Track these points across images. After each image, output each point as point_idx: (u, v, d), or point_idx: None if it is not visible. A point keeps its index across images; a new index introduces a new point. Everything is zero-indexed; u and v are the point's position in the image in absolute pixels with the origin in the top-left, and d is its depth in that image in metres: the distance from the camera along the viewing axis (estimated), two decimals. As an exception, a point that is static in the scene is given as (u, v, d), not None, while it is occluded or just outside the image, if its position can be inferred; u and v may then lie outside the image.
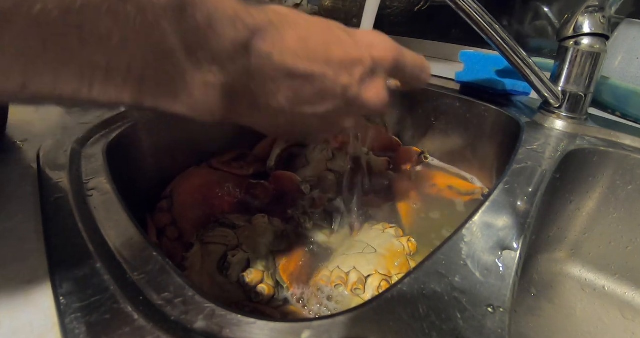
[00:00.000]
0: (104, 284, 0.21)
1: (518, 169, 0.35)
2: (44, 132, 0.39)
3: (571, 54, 0.43)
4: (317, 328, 0.19)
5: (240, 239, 0.36)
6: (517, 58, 0.40)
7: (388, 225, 0.41)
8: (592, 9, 0.41)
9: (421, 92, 0.58)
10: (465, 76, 0.54)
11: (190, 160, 0.50)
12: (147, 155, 0.44)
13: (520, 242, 0.26)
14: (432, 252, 0.24)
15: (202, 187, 0.45)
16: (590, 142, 0.42)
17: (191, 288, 0.20)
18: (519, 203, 0.30)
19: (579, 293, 0.42)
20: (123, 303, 0.19)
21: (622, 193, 0.41)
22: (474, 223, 0.27)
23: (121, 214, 0.27)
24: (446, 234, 0.42)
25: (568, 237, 0.44)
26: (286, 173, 0.48)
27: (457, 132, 0.56)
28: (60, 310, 0.19)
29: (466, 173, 0.55)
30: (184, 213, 0.41)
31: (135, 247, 0.24)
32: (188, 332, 0.18)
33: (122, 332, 0.18)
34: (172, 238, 0.39)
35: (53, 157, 0.34)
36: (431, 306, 0.20)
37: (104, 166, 0.33)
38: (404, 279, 0.22)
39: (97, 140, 0.38)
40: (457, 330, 0.19)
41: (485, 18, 0.38)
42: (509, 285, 0.22)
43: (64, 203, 0.27)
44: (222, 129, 0.54)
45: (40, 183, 0.30)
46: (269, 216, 0.40)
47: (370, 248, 0.36)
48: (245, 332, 0.18)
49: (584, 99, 0.44)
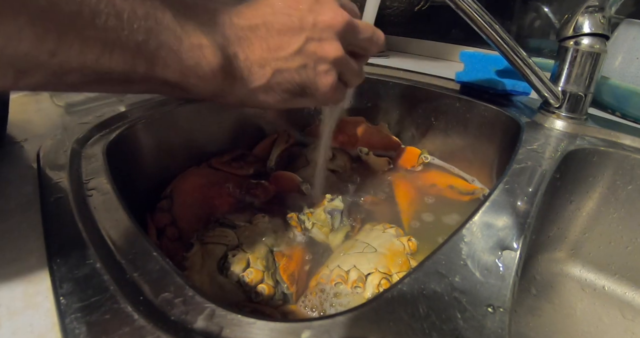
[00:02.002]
0: (104, 284, 0.21)
1: (518, 169, 0.35)
2: (44, 132, 0.39)
3: (571, 54, 0.43)
4: (317, 328, 0.19)
5: (240, 239, 0.36)
6: (517, 58, 0.40)
7: (388, 225, 0.41)
8: (592, 9, 0.41)
9: (421, 92, 0.58)
10: (465, 76, 0.54)
11: (190, 160, 0.50)
12: (147, 155, 0.44)
13: (520, 242, 0.26)
14: (432, 252, 0.24)
15: (202, 187, 0.45)
16: (590, 142, 0.42)
17: (191, 288, 0.20)
18: (519, 203, 0.30)
19: (579, 293, 0.42)
20: (123, 303, 0.19)
21: (622, 193, 0.41)
22: (474, 223, 0.27)
23: (121, 214, 0.27)
24: (446, 234, 0.42)
25: (568, 237, 0.44)
26: (286, 173, 0.48)
27: (457, 132, 0.56)
28: (60, 310, 0.19)
29: (466, 174, 0.55)
30: (184, 213, 0.41)
31: (135, 247, 0.24)
32: (188, 332, 0.18)
33: (122, 332, 0.18)
34: (172, 238, 0.39)
35: (53, 157, 0.34)
36: (431, 306, 0.20)
37: (104, 166, 0.33)
38: (404, 279, 0.22)
39: (97, 140, 0.38)
40: (457, 330, 0.19)
41: (485, 18, 0.38)
42: (509, 285, 0.22)
43: (64, 203, 0.27)
44: (222, 129, 0.54)
45: (40, 183, 0.30)
46: (269, 216, 0.41)
47: (371, 247, 0.36)
48: (245, 332, 0.18)
49: (584, 99, 0.44)
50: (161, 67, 0.22)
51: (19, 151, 0.36)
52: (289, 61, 0.27)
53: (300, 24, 0.27)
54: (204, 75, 0.24)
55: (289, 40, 0.27)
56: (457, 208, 0.47)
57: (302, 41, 0.27)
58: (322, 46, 0.27)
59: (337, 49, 0.28)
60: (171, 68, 0.22)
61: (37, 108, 0.47)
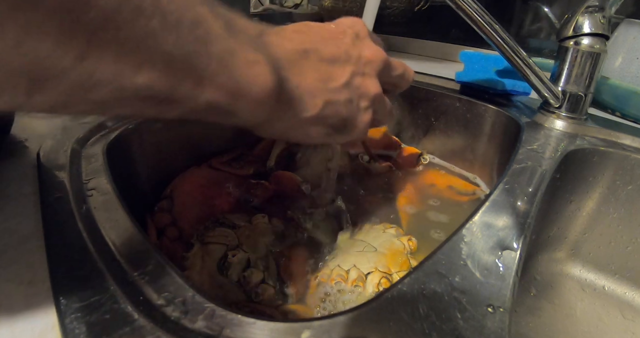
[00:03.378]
0: (104, 284, 0.21)
1: (518, 169, 0.35)
2: (44, 132, 0.39)
3: (571, 54, 0.43)
4: (317, 328, 0.19)
5: (240, 239, 0.36)
6: (517, 58, 0.40)
7: (389, 225, 0.41)
8: (592, 9, 0.41)
9: (421, 92, 0.58)
10: (465, 76, 0.54)
11: (190, 160, 0.50)
12: (147, 155, 0.44)
13: (520, 242, 0.26)
14: (432, 252, 0.24)
15: (202, 187, 0.45)
16: (590, 142, 0.42)
17: (191, 288, 0.20)
18: (519, 203, 0.30)
19: (579, 293, 0.42)
20: (123, 303, 0.19)
21: (622, 193, 0.41)
22: (474, 223, 0.27)
23: (121, 214, 0.27)
24: (446, 234, 0.42)
25: (568, 237, 0.44)
26: (286, 173, 0.48)
27: (457, 132, 0.56)
28: (60, 310, 0.19)
29: (467, 173, 0.55)
30: (184, 213, 0.41)
31: (135, 247, 0.24)
32: (188, 332, 0.18)
33: (122, 332, 0.18)
34: (172, 238, 0.39)
35: (53, 157, 0.34)
36: (431, 306, 0.20)
37: (104, 166, 0.33)
38: (404, 279, 0.22)
39: (97, 140, 0.38)
40: (457, 330, 0.19)
41: (485, 18, 0.38)
42: (509, 285, 0.22)
43: (64, 203, 0.27)
44: (222, 129, 0.54)
45: (40, 184, 0.30)
46: (269, 216, 0.40)
47: (371, 247, 0.36)
48: (245, 332, 0.18)
49: (584, 99, 0.44)
50: (210, 85, 0.18)
51: (19, 151, 0.36)
52: (337, 94, 0.25)
53: (347, 56, 0.26)
54: (257, 97, 0.20)
55: (338, 71, 0.25)
56: (457, 208, 0.47)
57: (349, 74, 0.26)
58: (365, 82, 0.27)
59: (377, 86, 0.27)
60: (221, 86, 0.19)
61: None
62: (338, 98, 0.25)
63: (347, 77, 0.26)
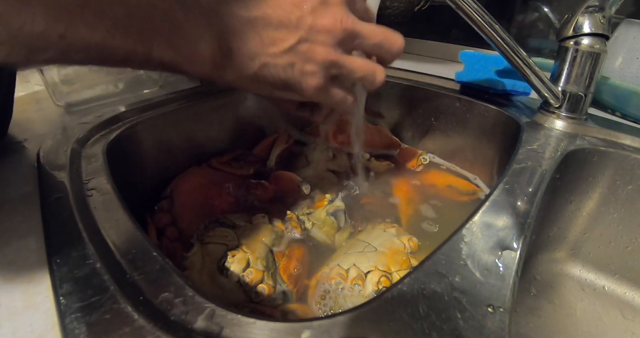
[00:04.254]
0: (104, 284, 0.21)
1: (518, 169, 0.35)
2: (44, 132, 0.39)
3: (571, 54, 0.43)
4: (317, 328, 0.19)
5: (240, 239, 0.36)
6: (517, 58, 0.40)
7: (390, 225, 0.41)
8: (592, 9, 0.41)
9: (421, 92, 0.58)
10: (465, 76, 0.54)
11: (190, 160, 0.50)
12: (147, 155, 0.44)
13: (520, 242, 0.26)
14: (432, 252, 0.24)
15: (202, 187, 0.45)
16: (590, 142, 0.42)
17: (191, 288, 0.20)
18: (519, 203, 0.30)
19: (579, 293, 0.42)
20: (123, 303, 0.19)
21: (622, 193, 0.41)
22: (474, 223, 0.27)
23: (121, 214, 0.27)
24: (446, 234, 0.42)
25: (568, 237, 0.44)
26: (286, 173, 0.48)
27: (457, 132, 0.56)
28: (60, 310, 0.19)
29: (468, 173, 0.55)
30: (184, 213, 0.41)
31: (135, 247, 0.24)
32: (188, 332, 0.18)
33: (122, 332, 0.18)
34: (172, 238, 0.39)
35: (53, 157, 0.34)
36: (431, 306, 0.20)
37: (104, 166, 0.33)
38: (404, 279, 0.22)
39: (97, 140, 0.38)
40: (457, 330, 0.19)
41: (485, 18, 0.38)
42: (509, 285, 0.22)
43: (64, 203, 0.27)
44: (222, 129, 0.54)
45: (40, 184, 0.30)
46: (269, 216, 0.41)
47: (371, 246, 0.36)
48: (245, 332, 0.18)
49: (584, 99, 0.44)
50: (157, 52, 0.24)
51: (19, 151, 0.36)
52: (277, 58, 0.27)
53: (297, 23, 0.27)
54: (195, 63, 0.26)
55: (282, 36, 0.27)
56: (457, 208, 0.47)
57: (295, 40, 0.27)
58: (314, 48, 0.28)
59: (329, 52, 0.28)
60: (166, 53, 0.24)
61: (37, 108, 0.48)
62: (277, 62, 0.28)
63: (292, 42, 0.27)
